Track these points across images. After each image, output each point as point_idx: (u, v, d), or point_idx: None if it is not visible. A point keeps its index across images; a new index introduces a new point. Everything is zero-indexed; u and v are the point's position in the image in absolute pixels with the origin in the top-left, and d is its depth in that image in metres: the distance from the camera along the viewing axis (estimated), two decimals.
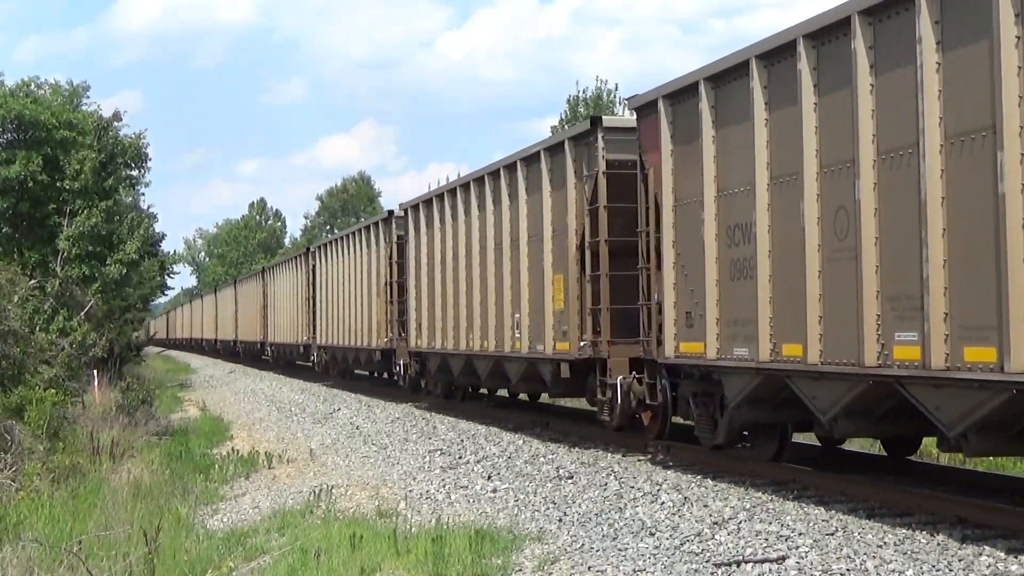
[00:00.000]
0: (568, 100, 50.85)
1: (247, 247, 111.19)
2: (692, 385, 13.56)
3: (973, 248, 9.09)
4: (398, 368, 26.06)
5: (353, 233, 31.54)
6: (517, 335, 18.17)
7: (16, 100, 28.87)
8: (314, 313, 35.98)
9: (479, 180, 20.23)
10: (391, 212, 27.58)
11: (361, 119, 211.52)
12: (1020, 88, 8.70)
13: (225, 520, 13.02)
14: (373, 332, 28.25)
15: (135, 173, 31.78)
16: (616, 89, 51.17)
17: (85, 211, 28.35)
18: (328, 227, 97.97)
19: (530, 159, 18.00)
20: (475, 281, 20.20)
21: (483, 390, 23.98)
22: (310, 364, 37.57)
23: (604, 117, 16.56)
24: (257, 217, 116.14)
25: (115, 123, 30.70)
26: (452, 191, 21.77)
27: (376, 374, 33.35)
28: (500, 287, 19.06)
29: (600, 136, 15.78)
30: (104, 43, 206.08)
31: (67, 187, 28.58)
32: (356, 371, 34.81)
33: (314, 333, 35.90)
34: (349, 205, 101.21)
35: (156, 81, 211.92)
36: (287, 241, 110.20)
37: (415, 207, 24.42)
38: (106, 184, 29.51)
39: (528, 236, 17.89)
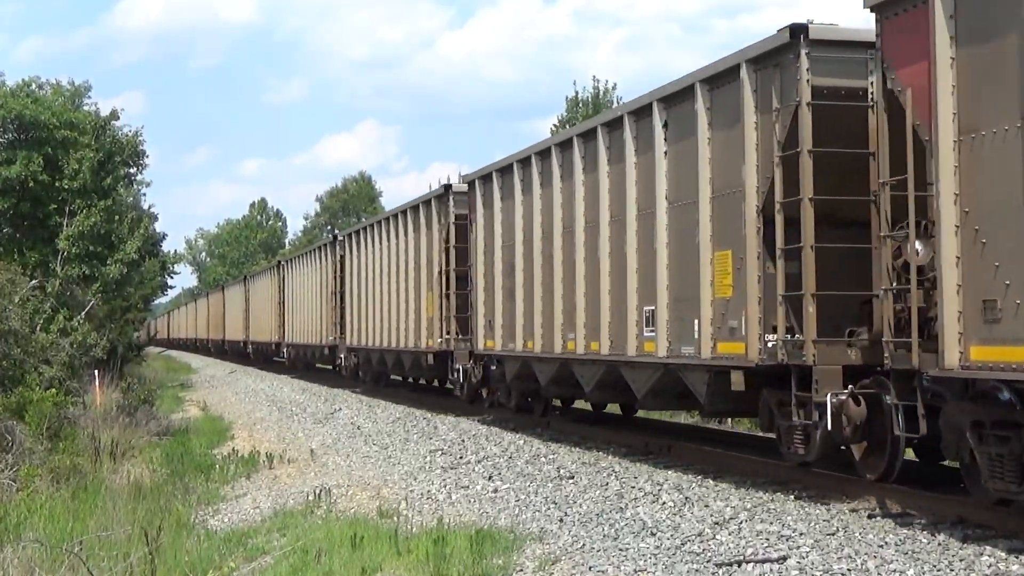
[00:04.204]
0: (567, 100, 50.96)
1: (248, 247, 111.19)
2: (976, 412, 9.60)
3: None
4: (456, 375, 22.23)
5: (396, 215, 26.87)
6: (649, 333, 14.12)
7: (17, 100, 28.86)
8: (342, 310, 32.30)
9: (587, 134, 16.09)
10: (448, 187, 22.81)
11: (362, 119, 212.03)
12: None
13: (226, 520, 13.01)
14: (423, 331, 24.23)
15: (133, 171, 31.78)
16: (614, 88, 51.25)
17: (84, 211, 28.34)
18: (328, 227, 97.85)
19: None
20: (579, 265, 16.17)
21: (579, 403, 21.08)
22: (334, 368, 34.60)
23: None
24: (258, 217, 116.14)
25: (112, 121, 30.69)
26: (544, 152, 17.54)
27: (417, 380, 30.15)
28: (621, 271, 14.83)
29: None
30: (105, 43, 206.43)
31: (66, 187, 28.57)
32: (393, 377, 31.01)
33: (342, 333, 32.25)
34: (350, 205, 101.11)
35: (157, 81, 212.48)
36: (288, 241, 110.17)
37: (485, 178, 20.17)
38: (105, 183, 29.50)
39: (669, 201, 13.76)
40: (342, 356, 32.28)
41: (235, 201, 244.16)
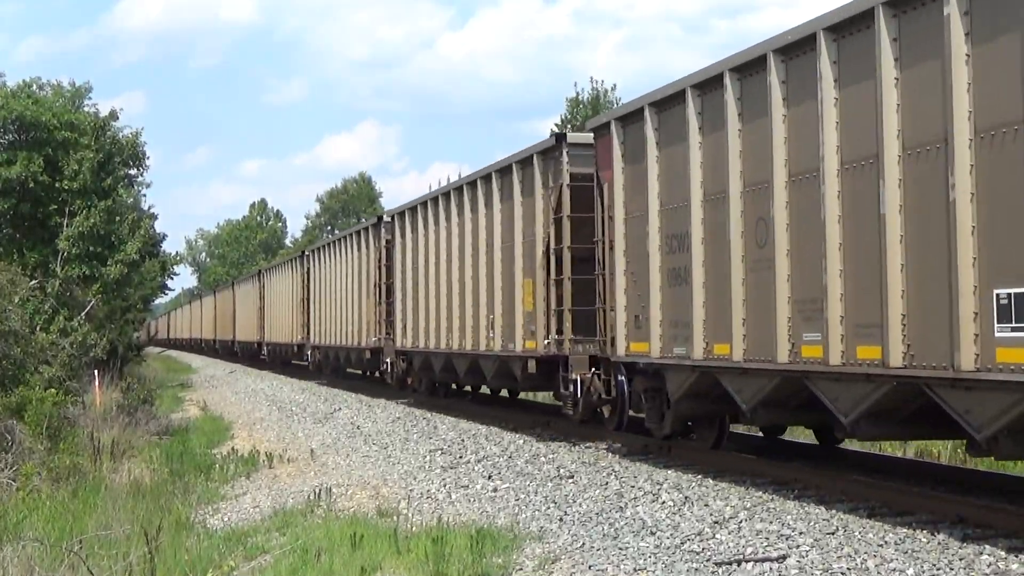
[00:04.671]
0: (567, 100, 51.09)
1: (248, 248, 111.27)
2: (643, 382, 14.74)
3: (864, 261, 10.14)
4: (385, 366, 26.64)
5: (345, 237, 32.15)
6: (491, 334, 19.41)
7: (18, 101, 28.87)
8: (308, 314, 36.83)
9: (459, 189, 21.59)
10: (380, 217, 28.26)
11: (362, 119, 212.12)
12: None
13: (226, 520, 13.01)
14: (363, 332, 28.88)
15: (133, 172, 31.78)
16: (613, 89, 51.45)
17: (84, 211, 28.36)
18: (329, 228, 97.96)
19: (503, 171, 19.30)
20: (454, 284, 21.44)
21: (465, 387, 25.36)
22: (304, 363, 38.41)
23: (568, 134, 18.26)
24: (258, 218, 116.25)
25: (112, 122, 30.68)
26: (435, 199, 23.04)
27: (366, 372, 33.86)
28: (476, 289, 20.27)
29: (565, 151, 17.40)
30: (105, 43, 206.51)
31: (66, 187, 28.59)
32: (348, 370, 35.64)
33: (308, 333, 36.70)
34: (350, 206, 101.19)
35: (157, 81, 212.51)
36: (288, 242, 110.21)
37: (401, 214, 25.73)
38: (105, 184, 29.51)
39: (502, 242, 19.28)
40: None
41: (235, 201, 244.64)
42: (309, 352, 36.78)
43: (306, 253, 38.68)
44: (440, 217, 22.28)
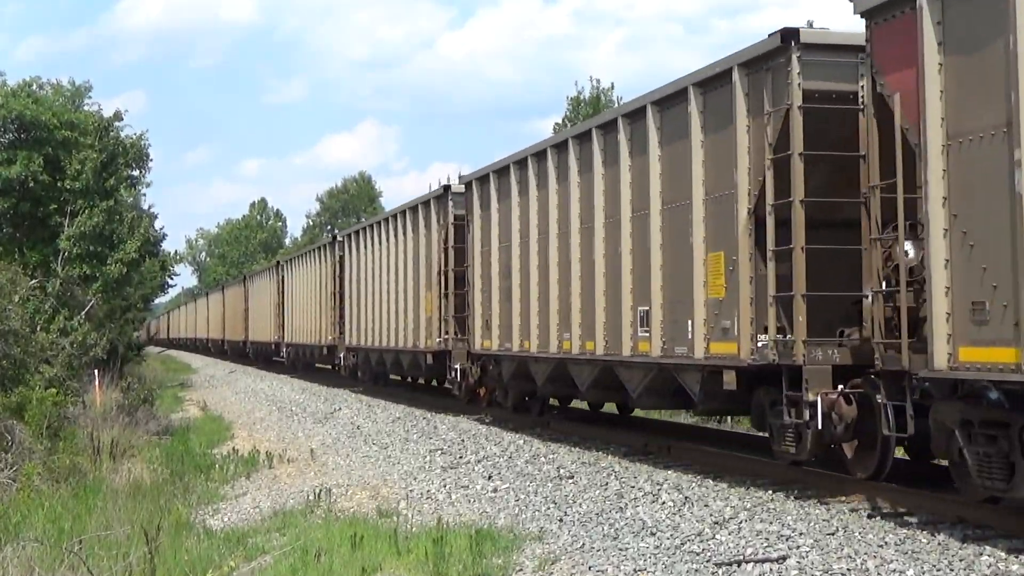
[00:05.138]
0: (569, 99, 51.03)
1: (248, 247, 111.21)
2: (965, 411, 9.63)
3: None
4: (453, 374, 21.89)
5: (395, 215, 26.84)
6: (643, 333, 14.20)
7: (18, 100, 28.85)
8: (341, 310, 32.07)
9: (582, 136, 16.12)
10: (447, 187, 22.67)
11: (362, 119, 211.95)
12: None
13: (226, 520, 13.01)
14: (421, 331, 24.03)
15: (136, 173, 31.74)
16: (612, 88, 51.47)
17: (86, 211, 28.34)
18: (328, 227, 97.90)
19: (667, 100, 13.79)
20: (574, 266, 16.23)
21: (578, 403, 20.94)
22: (334, 368, 34.20)
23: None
24: (258, 217, 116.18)
25: (116, 123, 30.66)
26: (540, 154, 17.57)
27: (416, 380, 29.74)
28: (616, 272, 14.91)
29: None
30: (105, 43, 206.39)
31: (68, 187, 28.57)
32: (392, 376, 30.84)
33: (341, 333, 32.05)
34: (350, 205, 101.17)
35: (157, 81, 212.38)
36: (288, 241, 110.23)
37: (482, 179, 20.17)
38: (107, 184, 29.48)
39: (662, 203, 13.81)
40: (341, 356, 32.13)
41: (235, 201, 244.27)
42: (342, 355, 32.00)
43: (339, 238, 33.68)
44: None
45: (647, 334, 14.04)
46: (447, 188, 22.60)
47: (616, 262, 14.88)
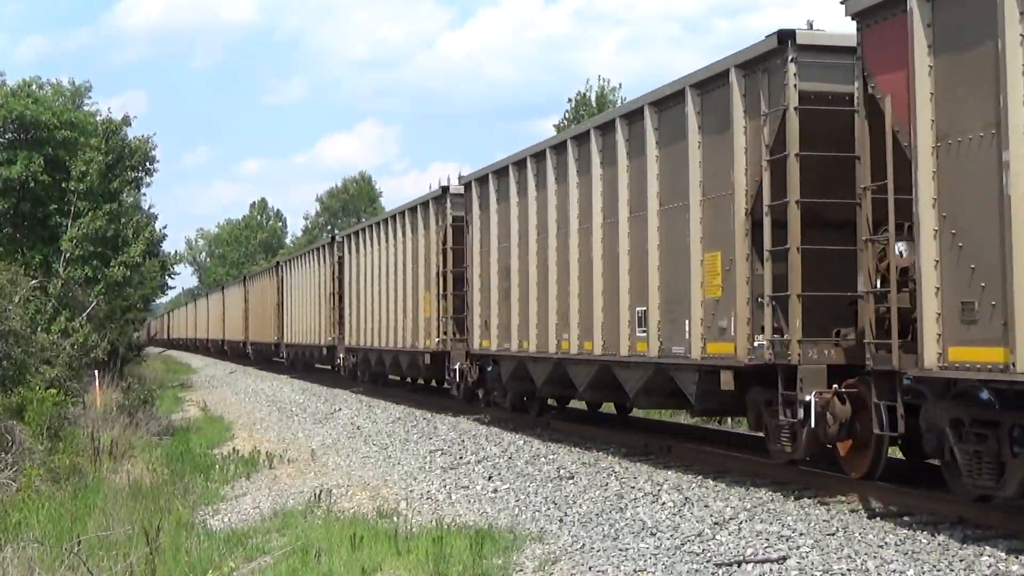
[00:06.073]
0: (571, 99, 50.88)
1: (248, 247, 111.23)
2: (955, 411, 9.71)
3: None
4: (452, 375, 21.96)
5: (394, 216, 26.81)
6: (641, 333, 14.21)
7: (17, 100, 28.86)
8: (341, 311, 32.12)
9: (580, 137, 16.11)
10: (445, 188, 22.64)
11: (362, 119, 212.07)
12: None
13: (226, 520, 13.01)
14: (420, 332, 24.02)
15: (141, 176, 31.67)
16: (620, 87, 51.18)
17: (90, 213, 28.34)
18: (328, 227, 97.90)
19: (665, 101, 13.78)
20: (573, 266, 16.22)
21: (566, 402, 21.20)
22: (333, 368, 34.29)
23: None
24: (258, 217, 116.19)
25: (124, 127, 30.53)
26: (539, 155, 17.59)
27: (415, 380, 29.79)
28: (614, 272, 14.91)
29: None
30: (105, 43, 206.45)
31: (72, 188, 28.57)
32: (391, 377, 30.79)
33: (340, 333, 32.06)
34: (350, 206, 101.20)
35: (157, 81, 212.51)
36: (288, 241, 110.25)
37: (481, 180, 20.17)
38: (112, 186, 29.47)
39: (660, 204, 13.84)
40: (340, 356, 32.21)
41: (235, 201, 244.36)
42: (342, 356, 32.05)
43: (338, 239, 33.53)
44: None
45: (645, 334, 14.09)
46: (445, 189, 22.62)
47: (614, 262, 14.88)
